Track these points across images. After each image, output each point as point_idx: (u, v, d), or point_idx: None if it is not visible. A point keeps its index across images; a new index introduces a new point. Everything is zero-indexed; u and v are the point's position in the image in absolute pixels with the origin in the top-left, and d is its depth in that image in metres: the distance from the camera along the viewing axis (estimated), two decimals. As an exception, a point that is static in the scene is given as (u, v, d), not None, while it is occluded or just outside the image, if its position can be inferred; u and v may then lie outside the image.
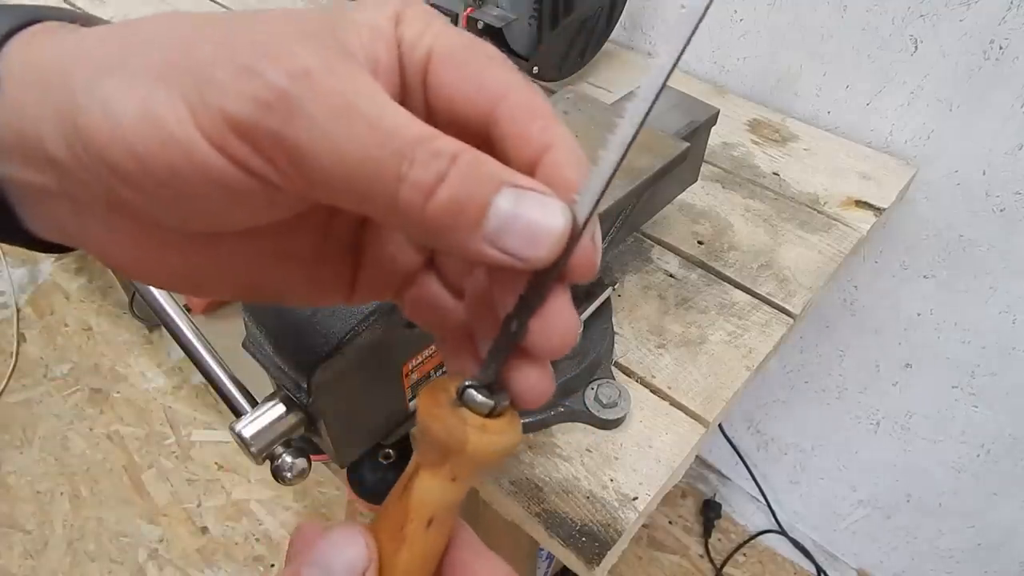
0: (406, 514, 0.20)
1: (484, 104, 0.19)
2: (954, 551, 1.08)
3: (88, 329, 1.67)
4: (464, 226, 0.17)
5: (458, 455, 0.19)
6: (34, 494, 1.38)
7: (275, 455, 0.38)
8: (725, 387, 0.52)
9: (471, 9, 0.78)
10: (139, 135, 0.17)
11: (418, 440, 0.20)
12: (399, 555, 0.20)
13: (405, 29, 0.19)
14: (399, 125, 0.17)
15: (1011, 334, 0.81)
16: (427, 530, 0.20)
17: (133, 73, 0.17)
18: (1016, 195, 0.71)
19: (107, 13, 0.93)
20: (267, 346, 0.38)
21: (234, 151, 0.17)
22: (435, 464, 0.20)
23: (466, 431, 0.19)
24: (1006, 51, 0.65)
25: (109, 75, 0.17)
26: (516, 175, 0.18)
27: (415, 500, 0.20)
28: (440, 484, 0.20)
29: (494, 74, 0.19)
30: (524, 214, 0.17)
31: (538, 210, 0.17)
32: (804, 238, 0.66)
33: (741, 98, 0.85)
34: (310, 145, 0.16)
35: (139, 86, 0.17)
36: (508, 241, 0.17)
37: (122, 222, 0.20)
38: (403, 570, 0.20)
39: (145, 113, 0.17)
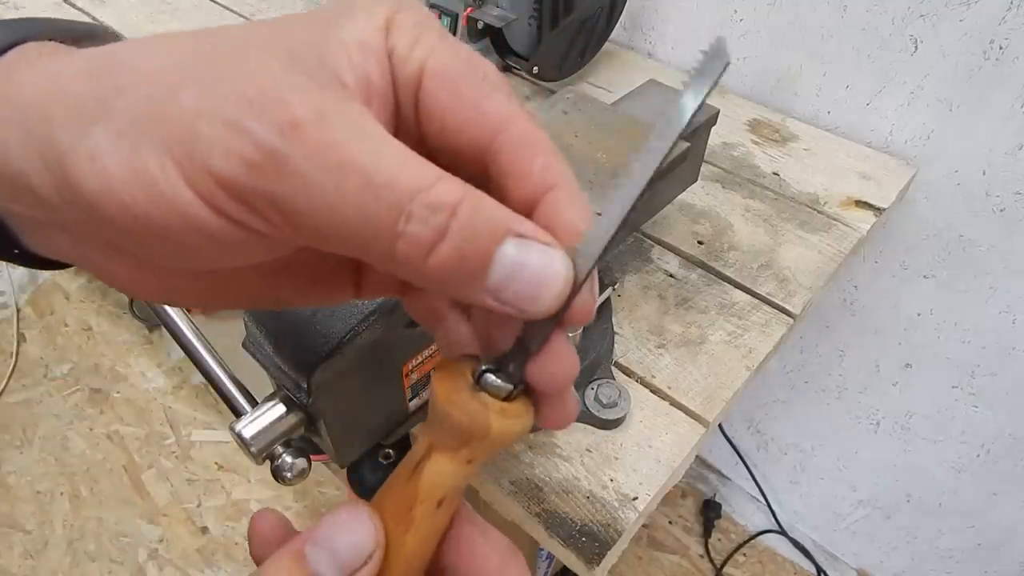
0: (416, 496, 0.20)
1: (482, 135, 0.18)
2: (954, 551, 1.08)
3: (88, 329, 1.67)
4: (467, 279, 0.17)
5: (480, 440, 0.19)
6: (34, 494, 1.38)
7: (275, 455, 0.38)
8: (725, 387, 0.52)
9: (471, 9, 0.78)
10: (129, 191, 0.16)
11: (434, 424, 0.20)
12: (406, 537, 0.20)
13: (396, 39, 0.18)
14: (393, 177, 0.16)
15: (1011, 334, 0.81)
16: (436, 511, 0.20)
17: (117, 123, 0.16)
18: (1016, 195, 0.71)
19: (106, 12, 0.93)
20: (267, 346, 0.38)
21: (225, 208, 0.16)
22: (452, 448, 0.20)
23: (489, 416, 0.19)
24: (1006, 51, 0.65)
25: (93, 123, 0.17)
26: (519, 222, 0.17)
27: (427, 482, 0.20)
28: (455, 467, 0.20)
29: (494, 103, 0.18)
30: (527, 267, 0.17)
31: (541, 263, 0.17)
32: (804, 238, 0.66)
33: (741, 98, 0.85)
34: (303, 202, 0.16)
35: (124, 138, 0.16)
36: (510, 294, 0.17)
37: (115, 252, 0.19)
38: (410, 551, 0.20)
39: (133, 169, 0.16)
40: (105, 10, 0.93)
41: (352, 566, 0.19)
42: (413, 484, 0.20)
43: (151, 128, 0.16)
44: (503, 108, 0.18)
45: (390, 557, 0.20)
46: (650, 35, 0.92)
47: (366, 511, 0.19)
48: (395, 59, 0.18)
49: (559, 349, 0.19)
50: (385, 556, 0.20)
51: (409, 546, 0.20)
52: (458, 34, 0.82)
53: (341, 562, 0.19)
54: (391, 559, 0.20)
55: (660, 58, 0.92)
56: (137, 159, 0.16)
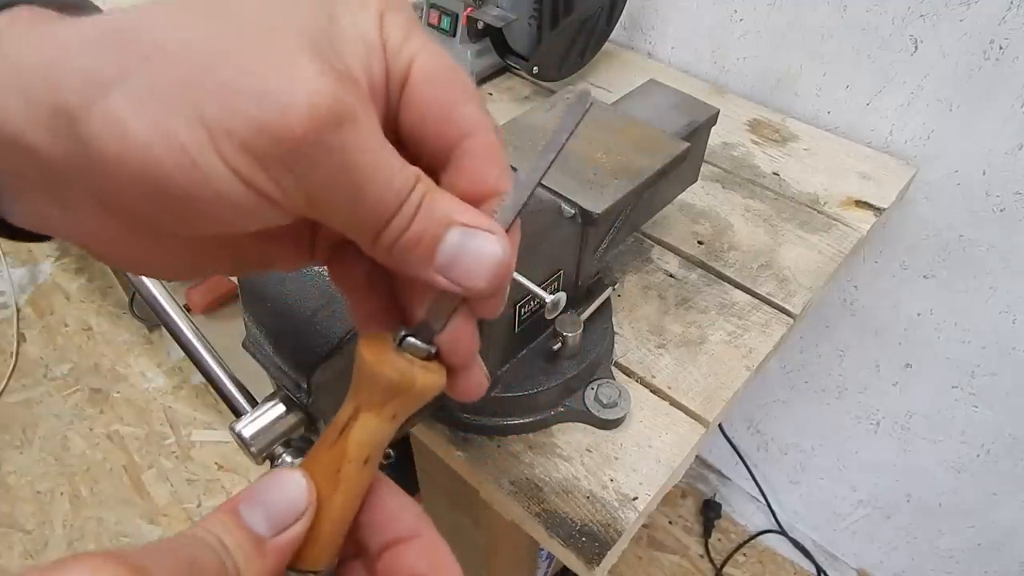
0: (343, 456, 0.22)
1: (453, 135, 0.21)
2: (954, 551, 1.08)
3: (88, 329, 1.67)
4: (422, 260, 0.20)
5: (406, 392, 0.21)
6: (34, 494, 1.38)
7: (275, 455, 0.38)
8: (725, 387, 0.52)
9: (471, 9, 0.78)
10: (153, 153, 0.17)
11: (360, 387, 0.22)
12: (335, 496, 0.21)
13: (389, 32, 0.20)
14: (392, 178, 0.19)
15: (1011, 334, 0.81)
16: (363, 469, 0.22)
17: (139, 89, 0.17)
18: (1016, 195, 0.71)
19: (107, 13, 0.93)
20: (267, 346, 0.38)
21: (252, 178, 0.18)
22: (378, 405, 0.22)
23: (414, 370, 0.22)
24: (1006, 51, 0.65)
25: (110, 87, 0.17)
26: (463, 213, 0.20)
27: (353, 442, 0.22)
28: (380, 424, 0.22)
29: (468, 110, 0.21)
30: (467, 250, 0.20)
31: (479, 247, 0.20)
32: (804, 238, 0.66)
33: (741, 98, 0.85)
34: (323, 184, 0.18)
35: (148, 103, 0.17)
36: (455, 273, 0.20)
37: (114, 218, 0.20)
38: (338, 510, 0.21)
39: (159, 133, 0.17)
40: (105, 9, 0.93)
41: (285, 521, 0.20)
42: (340, 445, 0.22)
43: (182, 97, 0.17)
44: (476, 116, 0.21)
45: (320, 517, 0.21)
46: (650, 35, 0.92)
47: (298, 471, 0.21)
48: (388, 51, 0.20)
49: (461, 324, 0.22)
50: (315, 516, 0.21)
51: (337, 505, 0.21)
52: (458, 34, 0.82)
53: (274, 517, 0.20)
54: (321, 518, 0.21)
55: (660, 58, 0.92)
56: (164, 124, 0.17)
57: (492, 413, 0.48)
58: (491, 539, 0.69)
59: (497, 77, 0.85)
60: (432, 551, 0.22)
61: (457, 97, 0.21)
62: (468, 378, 0.24)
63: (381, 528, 0.22)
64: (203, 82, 0.17)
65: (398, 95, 0.21)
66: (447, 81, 0.21)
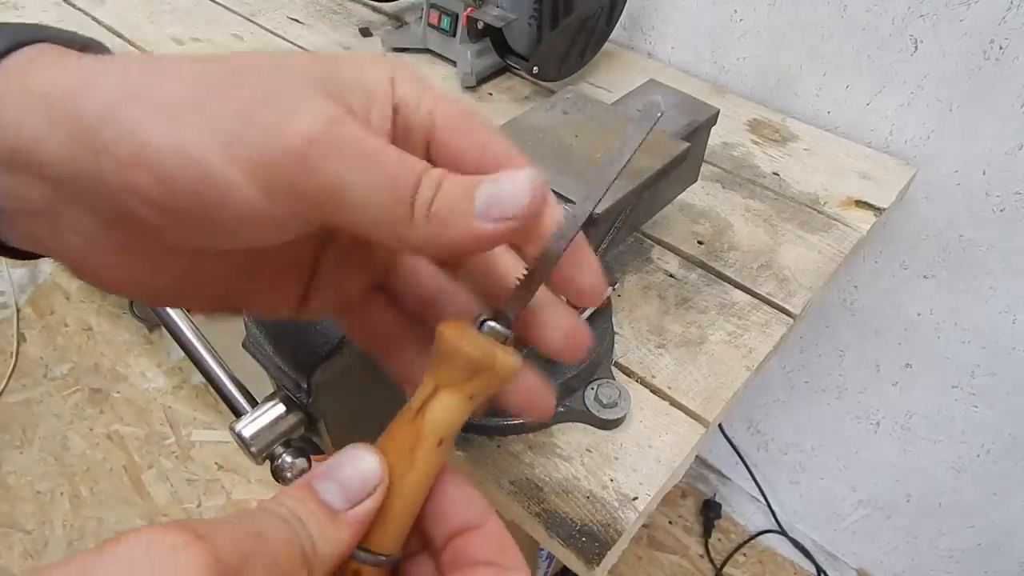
0: (419, 435, 0.22)
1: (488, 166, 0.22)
2: (954, 551, 1.08)
3: (88, 329, 1.67)
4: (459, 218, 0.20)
5: (487, 370, 0.22)
6: (34, 494, 1.38)
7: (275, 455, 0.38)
8: (725, 387, 0.52)
9: (471, 9, 0.78)
10: (168, 162, 0.18)
11: (440, 366, 0.22)
12: (408, 476, 0.21)
13: (403, 92, 0.22)
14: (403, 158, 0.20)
15: (1011, 334, 0.81)
16: (437, 451, 0.22)
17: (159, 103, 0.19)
18: (1016, 195, 0.71)
19: (105, 12, 0.93)
20: (267, 346, 0.38)
21: (268, 187, 0.19)
22: (458, 384, 0.22)
23: (495, 349, 0.22)
24: (1006, 51, 0.65)
25: (131, 103, 0.19)
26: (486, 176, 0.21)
27: (430, 421, 0.22)
28: (458, 403, 0.22)
29: (496, 142, 0.23)
30: (500, 185, 0.20)
31: (510, 178, 0.21)
32: (804, 238, 0.66)
33: (741, 98, 0.85)
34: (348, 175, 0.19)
35: (166, 117, 0.18)
36: (496, 210, 0.20)
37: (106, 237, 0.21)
38: (411, 489, 0.22)
39: (175, 143, 0.18)
40: (105, 9, 0.93)
41: (358, 496, 0.20)
42: (416, 425, 0.22)
43: (199, 111, 0.19)
44: (503, 147, 0.23)
45: (391, 496, 0.21)
46: (650, 35, 0.92)
47: (371, 448, 0.21)
48: (405, 109, 0.22)
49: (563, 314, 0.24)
50: (387, 495, 0.21)
51: (410, 485, 0.21)
52: (458, 34, 0.82)
53: (348, 492, 0.20)
54: (392, 498, 0.21)
55: (660, 58, 0.92)
56: (180, 135, 0.18)
57: (492, 413, 0.48)
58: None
59: (497, 77, 0.85)
60: (497, 540, 0.22)
61: (483, 134, 0.23)
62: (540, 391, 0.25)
63: (446, 518, 0.22)
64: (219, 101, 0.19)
65: (423, 142, 0.23)
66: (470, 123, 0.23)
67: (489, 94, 0.83)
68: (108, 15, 0.92)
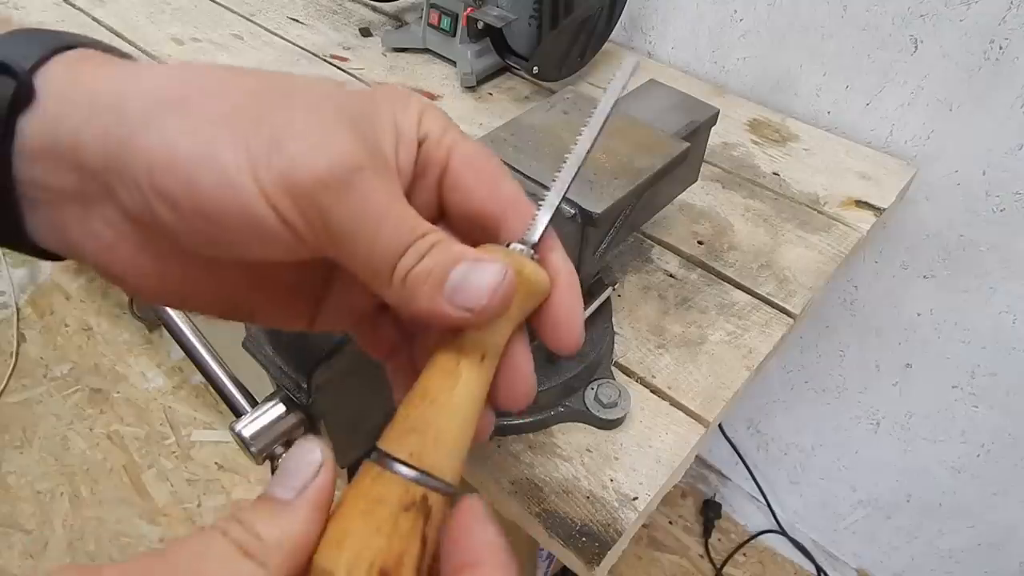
0: (460, 352, 0.23)
1: (497, 207, 0.25)
2: (954, 551, 1.08)
3: (88, 329, 1.67)
4: (431, 288, 0.22)
5: (518, 275, 0.23)
6: (34, 494, 1.38)
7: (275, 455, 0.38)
8: (725, 387, 0.52)
9: (471, 9, 0.78)
10: (196, 171, 0.20)
11: None
12: (454, 391, 0.22)
13: (428, 128, 0.24)
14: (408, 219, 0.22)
15: (1011, 334, 0.81)
16: (480, 366, 0.23)
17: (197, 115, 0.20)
18: (1016, 195, 0.71)
19: (106, 12, 0.93)
20: (267, 346, 0.38)
21: (282, 208, 0.20)
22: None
23: (523, 258, 0.23)
24: (1006, 51, 0.65)
25: (170, 112, 0.20)
26: (473, 252, 0.23)
27: (469, 338, 0.23)
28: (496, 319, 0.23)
29: (507, 185, 0.25)
30: (471, 277, 0.22)
31: (483, 272, 0.22)
32: (804, 238, 0.66)
33: (741, 98, 0.85)
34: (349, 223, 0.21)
35: (203, 127, 0.20)
36: (460, 297, 0.22)
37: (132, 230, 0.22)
38: (458, 405, 0.22)
39: (207, 153, 0.20)
40: (105, 9, 0.93)
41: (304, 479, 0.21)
42: (457, 344, 0.23)
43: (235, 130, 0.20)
44: (513, 190, 0.25)
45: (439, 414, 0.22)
46: (650, 35, 0.92)
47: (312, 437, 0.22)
48: (427, 144, 0.24)
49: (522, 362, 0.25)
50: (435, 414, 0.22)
51: (458, 400, 0.22)
52: (458, 34, 0.82)
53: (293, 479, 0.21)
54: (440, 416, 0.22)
55: (660, 58, 0.92)
56: (211, 146, 0.20)
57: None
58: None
59: (497, 77, 0.85)
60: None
61: (495, 176, 0.25)
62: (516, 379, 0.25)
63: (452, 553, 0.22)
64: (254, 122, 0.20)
65: (437, 177, 0.25)
66: (484, 163, 0.25)
67: (489, 94, 0.83)
68: (108, 15, 0.92)
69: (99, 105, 0.20)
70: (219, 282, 0.25)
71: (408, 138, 0.24)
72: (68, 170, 0.21)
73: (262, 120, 0.20)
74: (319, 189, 0.20)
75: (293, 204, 0.20)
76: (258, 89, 0.21)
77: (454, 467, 0.22)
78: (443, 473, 0.21)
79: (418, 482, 0.21)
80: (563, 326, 0.25)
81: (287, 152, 0.20)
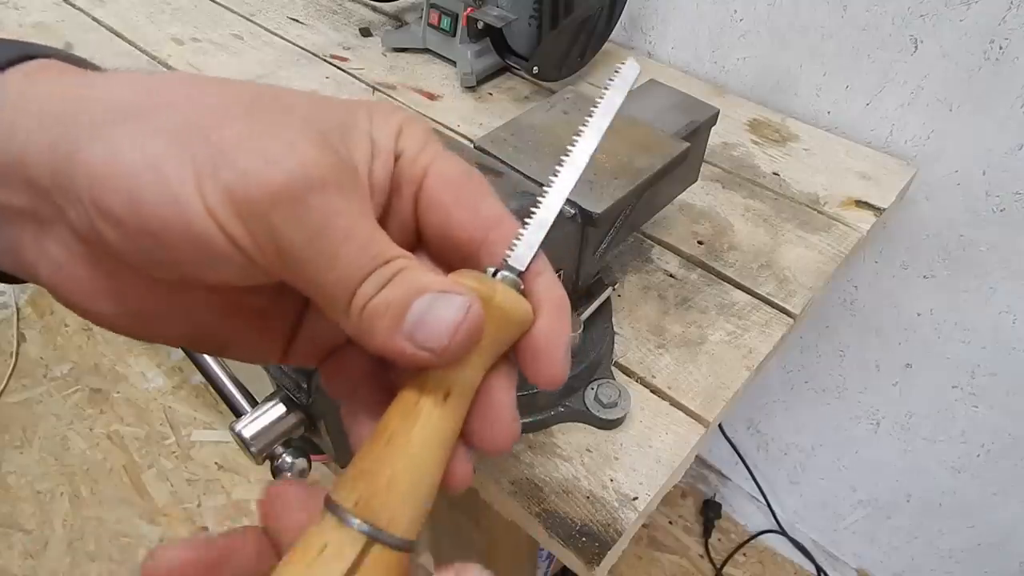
0: (422, 390, 0.21)
1: (478, 231, 0.22)
2: (954, 551, 1.08)
3: (88, 329, 1.67)
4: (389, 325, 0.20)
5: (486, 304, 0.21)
6: (34, 494, 1.38)
7: (275, 455, 0.38)
8: (725, 387, 0.52)
9: (471, 9, 0.78)
10: (138, 185, 0.18)
11: None
12: (411, 434, 0.20)
13: (405, 143, 0.22)
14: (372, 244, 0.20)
15: (1011, 334, 0.81)
16: (444, 405, 0.21)
17: (146, 127, 0.19)
18: (1016, 195, 0.71)
19: (106, 12, 0.93)
20: (267, 346, 0.38)
21: (229, 228, 0.18)
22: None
23: (494, 284, 0.21)
24: (1006, 51, 0.65)
25: (119, 123, 0.19)
26: (439, 283, 0.20)
27: (433, 375, 0.21)
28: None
29: (488, 205, 0.23)
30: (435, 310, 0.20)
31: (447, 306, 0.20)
32: (804, 238, 0.66)
33: (741, 98, 0.85)
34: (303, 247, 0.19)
35: (149, 139, 0.18)
36: (420, 335, 0.20)
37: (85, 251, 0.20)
38: (417, 450, 0.20)
39: (149, 164, 0.18)
40: (104, 10, 0.93)
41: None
42: (420, 380, 0.21)
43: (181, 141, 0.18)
44: (496, 210, 0.23)
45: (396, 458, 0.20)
46: (650, 35, 0.92)
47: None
48: (403, 160, 0.22)
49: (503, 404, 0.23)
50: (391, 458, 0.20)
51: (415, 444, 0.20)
52: (458, 34, 0.82)
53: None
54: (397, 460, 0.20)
55: (660, 58, 0.92)
56: (156, 158, 0.18)
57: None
58: (491, 539, 0.69)
59: (497, 77, 0.85)
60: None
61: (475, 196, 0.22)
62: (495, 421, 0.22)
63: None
64: (205, 135, 0.19)
65: (412, 198, 0.22)
66: (464, 183, 0.23)
67: (489, 94, 0.83)
68: (108, 15, 0.92)
69: (49, 116, 0.19)
70: (183, 310, 0.23)
71: (385, 152, 0.22)
72: (19, 187, 0.19)
73: (215, 132, 0.19)
74: (269, 207, 0.18)
75: (241, 223, 0.18)
76: (220, 103, 0.20)
77: (410, 516, 0.19)
78: (395, 524, 0.19)
79: (368, 535, 0.19)
80: (542, 357, 0.22)
81: (237, 165, 0.18)
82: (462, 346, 0.20)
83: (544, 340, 0.22)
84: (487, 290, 0.21)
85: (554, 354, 0.22)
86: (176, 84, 0.20)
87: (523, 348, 0.22)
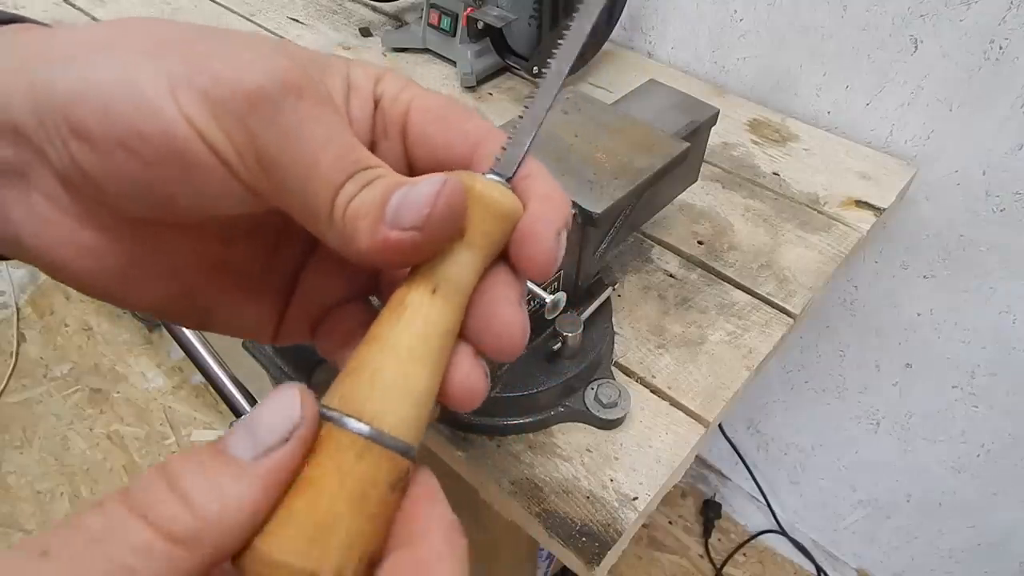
0: (409, 286, 0.20)
1: (467, 148, 0.22)
2: (954, 551, 1.08)
3: (88, 329, 1.67)
4: (372, 219, 0.19)
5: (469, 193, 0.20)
6: (34, 494, 1.38)
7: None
8: (725, 387, 0.52)
9: (471, 9, 0.78)
10: (112, 98, 0.18)
11: None
12: (396, 328, 0.19)
13: (384, 87, 0.23)
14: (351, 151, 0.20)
15: (1011, 334, 0.81)
16: (432, 299, 0.20)
17: (119, 51, 0.19)
18: (1016, 195, 0.71)
19: (106, 12, 0.93)
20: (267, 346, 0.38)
21: (207, 133, 0.18)
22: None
23: (475, 176, 0.21)
24: (1006, 51, 0.65)
25: (95, 51, 0.19)
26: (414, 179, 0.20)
27: (419, 271, 0.20)
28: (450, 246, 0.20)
29: (474, 123, 0.23)
30: (412, 192, 0.19)
31: (423, 187, 0.19)
32: (804, 238, 0.66)
33: (741, 98, 0.85)
34: (282, 150, 0.19)
35: (126, 59, 0.19)
36: (402, 217, 0.19)
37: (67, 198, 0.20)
38: (406, 345, 0.19)
39: (122, 77, 0.18)
40: (105, 10, 0.94)
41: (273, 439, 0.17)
42: (408, 280, 0.21)
43: (155, 58, 0.19)
44: (482, 125, 0.23)
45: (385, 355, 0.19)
46: (650, 35, 0.92)
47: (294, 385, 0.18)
48: (384, 101, 0.23)
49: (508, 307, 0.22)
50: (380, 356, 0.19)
51: (404, 341, 0.19)
52: (458, 34, 0.82)
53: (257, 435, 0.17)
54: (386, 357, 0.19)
55: (660, 58, 0.92)
56: (129, 71, 0.18)
57: (492, 413, 0.48)
58: (491, 539, 0.69)
59: (497, 77, 0.85)
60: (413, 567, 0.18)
61: (460, 117, 0.23)
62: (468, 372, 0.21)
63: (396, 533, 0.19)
64: (178, 51, 0.19)
65: (399, 134, 0.23)
66: (446, 109, 0.23)
67: (489, 94, 0.83)
68: (108, 15, 0.92)
69: (28, 61, 0.19)
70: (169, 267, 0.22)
71: (363, 92, 0.22)
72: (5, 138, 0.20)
73: (188, 48, 0.19)
74: (246, 110, 0.18)
75: (218, 127, 0.18)
76: (194, 29, 0.20)
77: (399, 414, 0.18)
78: (380, 419, 0.18)
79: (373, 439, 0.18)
80: (528, 241, 0.21)
81: (211, 70, 0.18)
82: (444, 216, 0.19)
83: (530, 223, 0.21)
84: (467, 179, 0.20)
85: (542, 237, 0.21)
86: (151, 21, 0.20)
87: (513, 238, 0.22)
